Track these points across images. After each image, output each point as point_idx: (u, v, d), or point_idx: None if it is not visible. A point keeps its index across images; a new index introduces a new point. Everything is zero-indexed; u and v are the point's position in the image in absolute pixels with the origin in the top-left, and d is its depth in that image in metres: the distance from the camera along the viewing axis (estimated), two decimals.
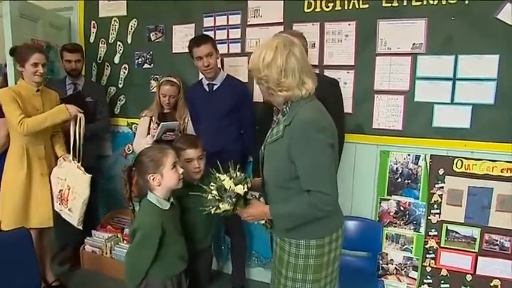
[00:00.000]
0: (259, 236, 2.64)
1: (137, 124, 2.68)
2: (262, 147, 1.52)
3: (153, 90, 2.82)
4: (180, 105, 2.51)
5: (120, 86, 3.00)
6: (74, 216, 2.27)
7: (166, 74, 2.55)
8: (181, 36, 2.73)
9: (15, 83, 2.43)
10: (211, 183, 1.44)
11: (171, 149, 1.72)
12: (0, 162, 2.49)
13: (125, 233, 2.77)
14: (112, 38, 2.97)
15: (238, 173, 1.43)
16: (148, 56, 2.86)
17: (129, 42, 2.92)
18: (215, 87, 2.39)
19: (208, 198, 1.42)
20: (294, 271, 1.43)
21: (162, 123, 2.30)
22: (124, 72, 2.97)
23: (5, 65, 2.84)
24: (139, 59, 2.89)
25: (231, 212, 1.42)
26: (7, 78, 2.95)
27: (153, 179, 1.62)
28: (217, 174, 1.44)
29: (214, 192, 1.40)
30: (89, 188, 2.23)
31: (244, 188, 1.39)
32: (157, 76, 2.81)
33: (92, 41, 3.04)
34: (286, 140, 1.35)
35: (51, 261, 2.57)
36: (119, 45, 2.95)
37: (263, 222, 1.54)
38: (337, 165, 2.14)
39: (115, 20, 2.94)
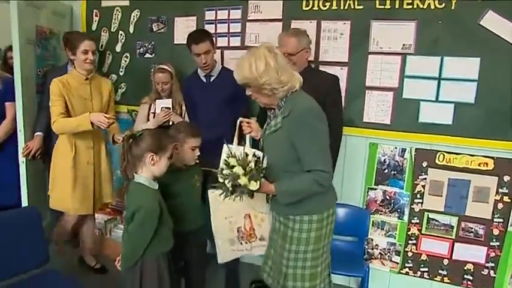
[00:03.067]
0: None
1: (137, 111, 2.78)
2: (261, 140, 1.70)
3: None
4: (174, 90, 2.60)
5: (121, 74, 3.08)
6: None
7: (158, 62, 2.65)
8: (183, 28, 2.82)
9: (21, 68, 2.51)
10: (224, 170, 1.52)
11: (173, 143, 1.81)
12: (9, 146, 2.58)
13: (123, 215, 2.88)
14: (114, 27, 3.04)
15: (252, 164, 1.50)
16: (150, 46, 2.95)
17: (131, 32, 2.99)
18: (212, 78, 2.48)
19: (219, 184, 1.53)
20: (298, 244, 1.63)
21: (156, 100, 2.54)
22: (125, 61, 3.05)
23: (8, 49, 2.93)
24: (141, 49, 2.97)
25: None
26: (8, 62, 3.04)
27: (151, 158, 1.66)
28: (231, 163, 1.50)
29: (229, 184, 1.50)
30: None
31: (256, 185, 1.49)
32: None
33: (94, 29, 3.11)
34: (286, 129, 1.53)
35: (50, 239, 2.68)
36: (121, 34, 3.03)
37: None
38: (336, 157, 2.30)
39: (117, 10, 3.01)
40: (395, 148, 2.42)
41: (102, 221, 2.86)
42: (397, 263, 2.51)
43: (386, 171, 2.46)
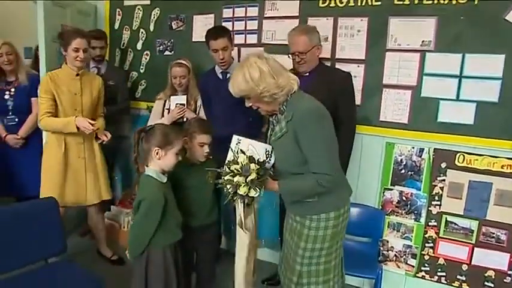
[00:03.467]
0: (267, 220, 2.77)
1: None
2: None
3: None
4: (191, 86, 2.63)
5: (142, 71, 3.16)
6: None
7: (176, 58, 2.68)
8: (201, 26, 2.86)
9: (46, 66, 2.61)
10: (227, 176, 1.56)
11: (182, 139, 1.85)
12: (34, 140, 2.68)
13: None
14: (135, 26, 3.12)
15: (254, 174, 1.52)
16: (169, 44, 3.01)
17: (152, 30, 3.06)
18: (228, 75, 2.48)
19: (221, 182, 1.59)
20: (314, 242, 1.63)
21: (171, 96, 2.57)
22: (146, 59, 3.13)
23: (37, 48, 3.05)
24: (161, 46, 3.04)
25: None
26: (38, 61, 3.17)
27: (156, 152, 1.71)
28: (234, 170, 1.53)
29: (230, 190, 1.56)
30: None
31: (256, 193, 1.54)
32: None
33: (116, 27, 3.20)
34: (291, 133, 1.52)
35: (70, 231, 2.78)
36: (142, 32, 3.10)
37: None
38: (350, 154, 2.26)
39: (139, 9, 3.09)
40: (413, 148, 2.34)
41: (119, 214, 2.94)
42: (413, 266, 2.44)
43: (403, 171, 2.39)
